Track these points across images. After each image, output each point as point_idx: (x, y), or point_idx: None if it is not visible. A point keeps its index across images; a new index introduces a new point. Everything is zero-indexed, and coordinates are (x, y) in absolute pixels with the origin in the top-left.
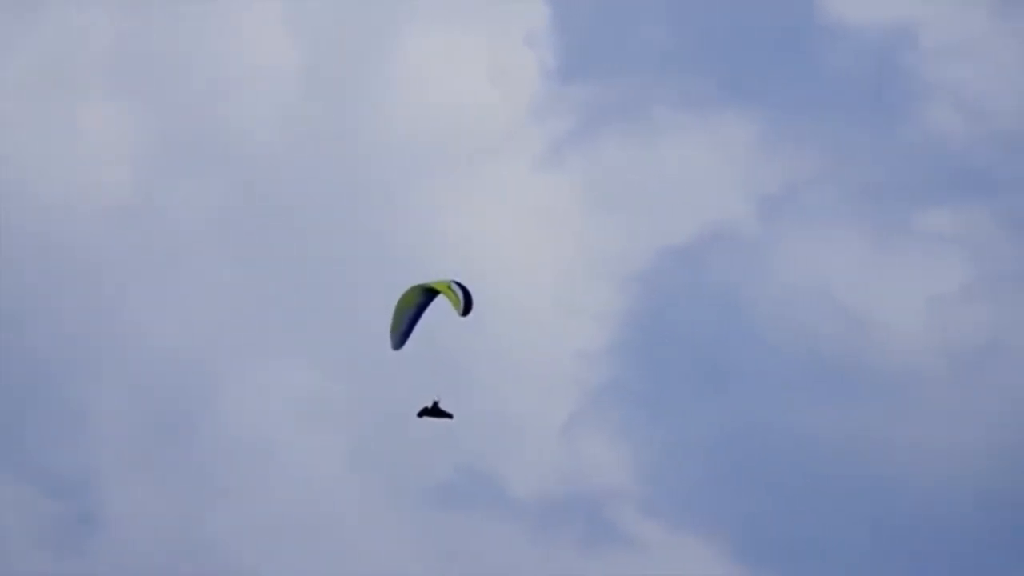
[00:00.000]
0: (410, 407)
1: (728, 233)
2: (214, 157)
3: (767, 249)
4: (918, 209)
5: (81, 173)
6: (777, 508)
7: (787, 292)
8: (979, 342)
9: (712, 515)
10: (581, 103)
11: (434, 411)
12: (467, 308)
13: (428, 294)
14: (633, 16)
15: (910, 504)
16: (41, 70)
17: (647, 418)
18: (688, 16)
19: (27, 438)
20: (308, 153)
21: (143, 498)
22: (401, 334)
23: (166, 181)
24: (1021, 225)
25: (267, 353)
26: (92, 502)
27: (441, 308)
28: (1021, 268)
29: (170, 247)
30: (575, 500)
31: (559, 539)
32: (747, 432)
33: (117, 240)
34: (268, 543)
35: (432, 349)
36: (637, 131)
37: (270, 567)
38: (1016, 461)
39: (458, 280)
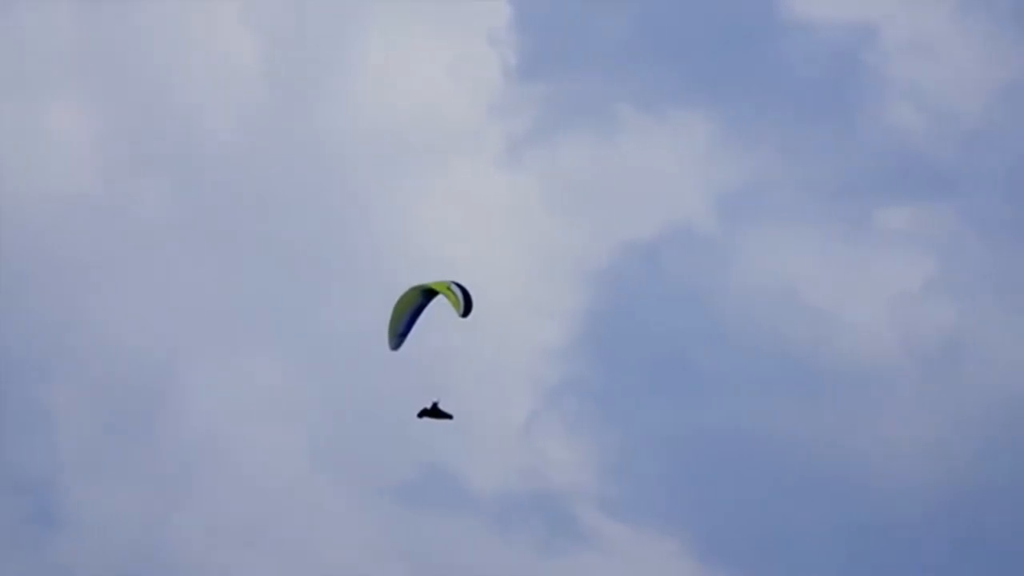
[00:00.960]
0: (373, 404)
1: (689, 231)
2: (175, 154)
3: (728, 247)
4: (880, 207)
5: (43, 171)
6: (738, 507)
7: (748, 290)
8: (942, 340)
9: (673, 513)
10: (542, 101)
11: (434, 412)
12: (467, 309)
13: (427, 295)
14: (594, 14)
15: (873, 502)
16: (1, 69)
17: (608, 416)
18: (649, 14)
19: None
20: (270, 150)
21: (105, 497)
22: (399, 335)
23: (128, 178)
24: (983, 223)
25: (230, 351)
26: (53, 501)
27: (440, 309)
28: (983, 265)
29: (132, 244)
30: (536, 498)
31: (520, 537)
32: (708, 430)
33: (79, 237)
34: (230, 541)
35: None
36: (598, 129)
37: (232, 565)
38: (980, 457)
39: (457, 281)
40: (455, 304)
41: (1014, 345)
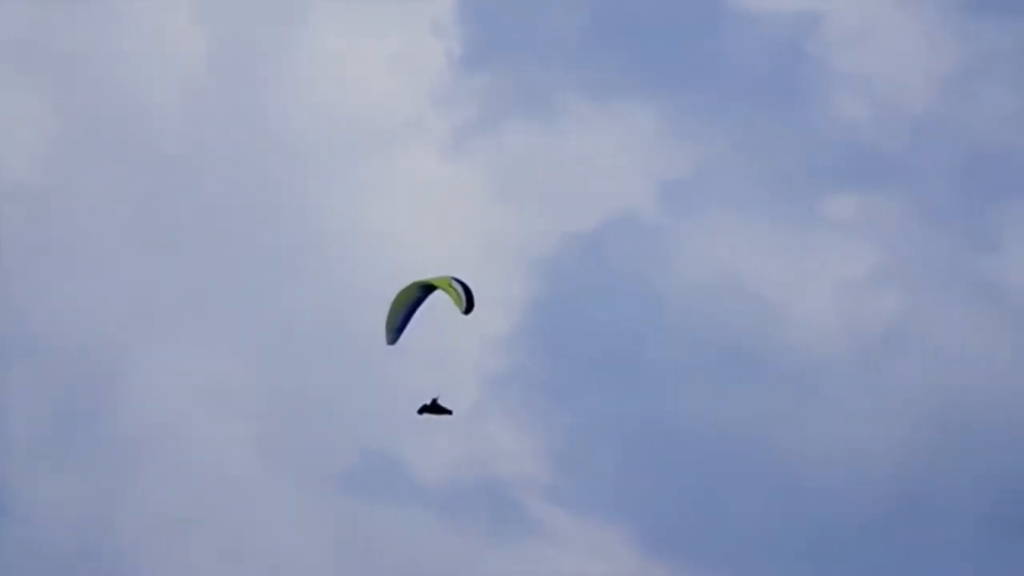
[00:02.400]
0: (318, 394)
1: (634, 220)
2: (121, 145)
3: (672, 236)
4: (825, 196)
5: None
6: (684, 496)
7: (694, 279)
8: (887, 328)
9: (619, 502)
10: (487, 91)
11: (433, 408)
12: (469, 306)
13: (425, 290)
14: (539, 3)
15: (818, 491)
16: None
17: (553, 405)
18: (594, 3)
19: None
20: (217, 142)
21: (48, 487)
22: (395, 330)
23: (73, 169)
24: (928, 212)
25: (173, 340)
26: None
27: (442, 306)
28: (929, 254)
29: (77, 234)
30: (481, 487)
31: (465, 526)
32: (654, 419)
33: (26, 227)
34: (175, 530)
35: (338, 336)
36: (543, 118)
37: (177, 553)
38: (924, 445)
39: (457, 277)
40: (457, 301)
41: (958, 334)
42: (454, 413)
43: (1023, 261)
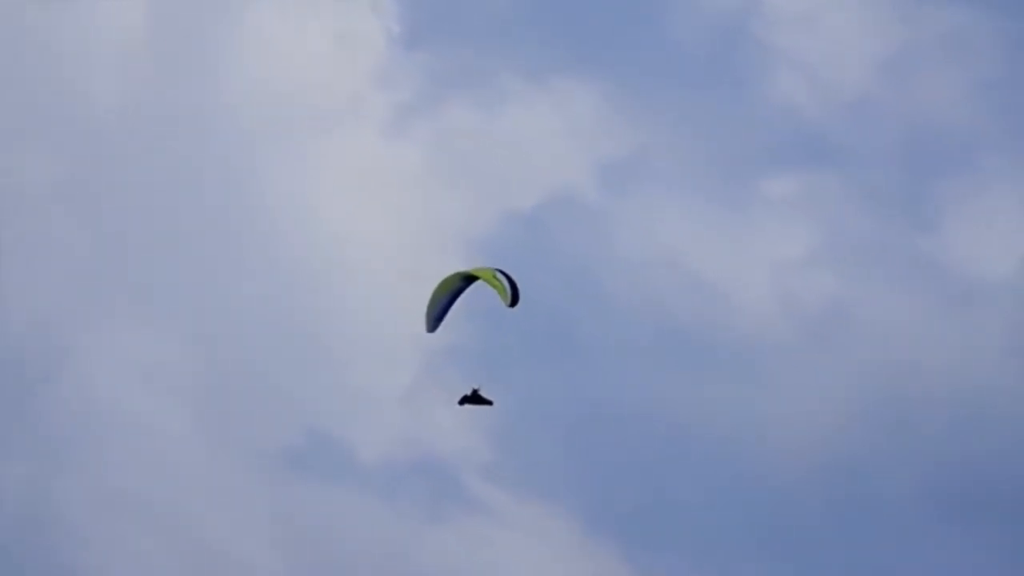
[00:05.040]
0: (257, 374)
1: (573, 200)
2: (60, 124)
3: (613, 216)
4: (764, 176)
5: None
6: (622, 475)
7: (633, 259)
8: (825, 308)
9: (557, 481)
10: (426, 70)
11: (474, 398)
12: (515, 299)
13: (467, 280)
14: None
15: (755, 470)
16: None
17: (492, 384)
18: None
19: None
20: (157, 121)
21: None
22: (434, 318)
23: (12, 149)
24: (867, 192)
25: (112, 321)
26: None
27: (482, 297)
28: (866, 235)
29: (15, 216)
30: (420, 466)
31: (405, 504)
32: (592, 399)
33: None
34: (114, 512)
35: (279, 316)
36: (482, 98)
37: (114, 533)
38: (861, 424)
39: (501, 269)
40: (502, 293)
41: (895, 314)
42: (494, 403)
43: (962, 240)
